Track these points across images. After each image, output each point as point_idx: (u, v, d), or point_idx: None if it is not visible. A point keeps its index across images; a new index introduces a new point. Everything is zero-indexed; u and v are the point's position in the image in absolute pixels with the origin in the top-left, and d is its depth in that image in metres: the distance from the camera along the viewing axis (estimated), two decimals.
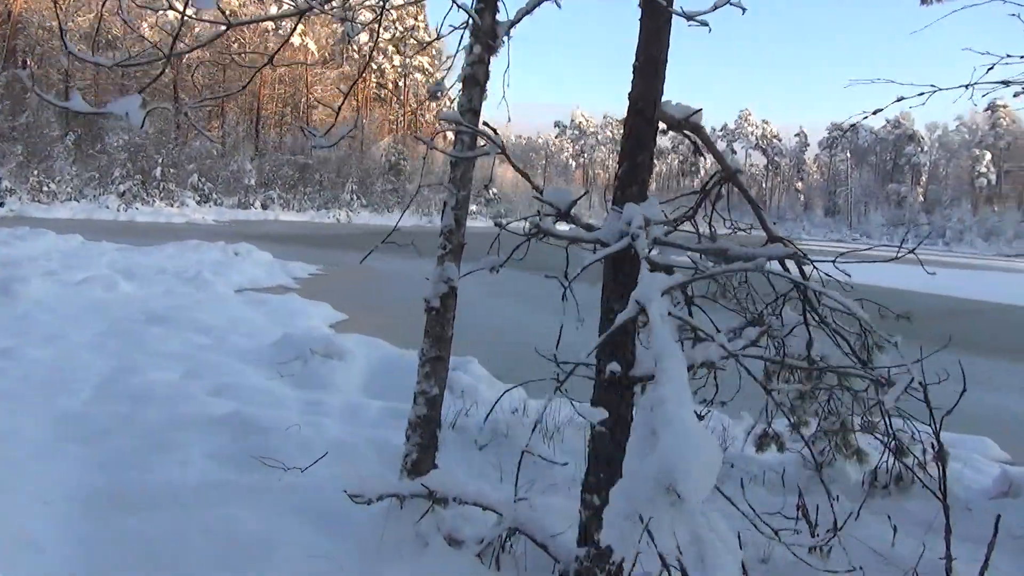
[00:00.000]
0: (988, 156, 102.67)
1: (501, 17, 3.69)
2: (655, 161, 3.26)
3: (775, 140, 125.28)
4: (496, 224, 3.36)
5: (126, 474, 4.23)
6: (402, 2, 5.00)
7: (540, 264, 3.65)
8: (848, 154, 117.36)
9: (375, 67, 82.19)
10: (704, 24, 2.97)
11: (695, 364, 2.95)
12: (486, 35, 3.62)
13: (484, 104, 3.79)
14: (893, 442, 4.53)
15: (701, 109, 3.35)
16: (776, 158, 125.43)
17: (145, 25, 55.17)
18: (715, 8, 3.07)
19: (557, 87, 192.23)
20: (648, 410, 1.66)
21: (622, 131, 3.17)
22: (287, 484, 4.03)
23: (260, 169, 56.87)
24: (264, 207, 53.28)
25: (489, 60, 3.67)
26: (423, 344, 3.62)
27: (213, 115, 62.79)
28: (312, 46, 69.31)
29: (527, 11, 3.77)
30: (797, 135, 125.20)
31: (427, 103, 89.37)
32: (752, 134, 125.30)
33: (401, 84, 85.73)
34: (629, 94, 3.11)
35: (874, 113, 3.75)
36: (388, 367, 7.49)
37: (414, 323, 12.19)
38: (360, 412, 5.79)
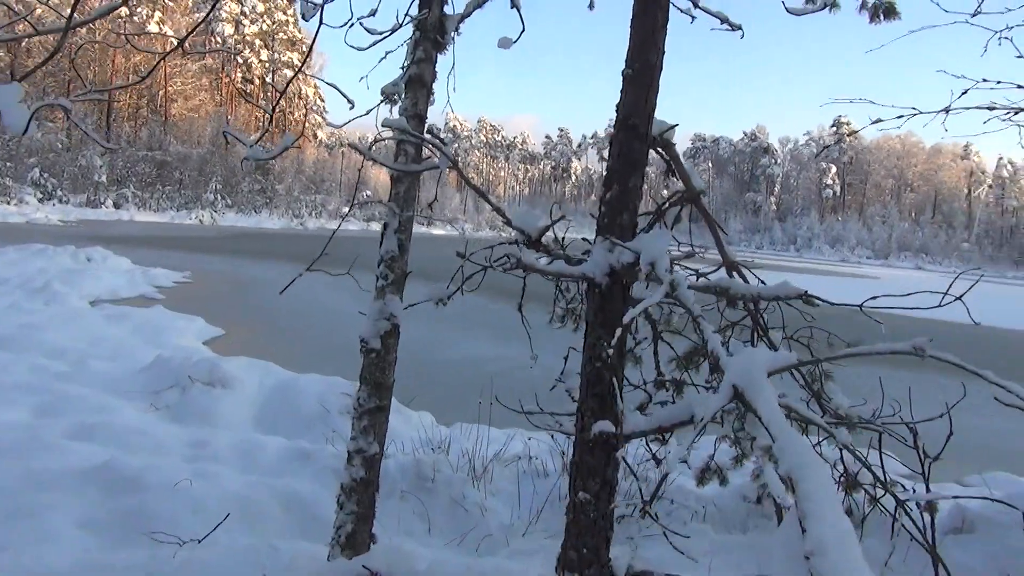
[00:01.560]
0: (833, 169, 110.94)
1: (449, 10, 3.17)
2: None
3: None
4: (458, 255, 2.83)
5: None
6: None
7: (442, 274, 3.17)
8: (710, 164, 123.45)
9: (241, 61, 78.44)
10: (729, 24, 2.58)
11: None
12: (433, 30, 3.09)
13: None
14: (843, 476, 4.36)
15: (677, 125, 2.98)
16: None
17: None
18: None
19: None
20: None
21: (609, 148, 2.74)
22: (183, 562, 3.32)
23: (112, 165, 52.72)
24: (117, 206, 49.40)
25: (436, 59, 3.14)
26: (359, 392, 3.03)
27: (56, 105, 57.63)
28: (171, 33, 65.06)
29: (477, 4, 3.26)
30: None
31: (296, 100, 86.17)
32: None
33: (269, 80, 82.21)
34: (618, 106, 2.68)
35: (850, 135, 3.52)
36: (281, 394, 6.73)
37: (300, 339, 11.38)
38: (256, 454, 5.05)
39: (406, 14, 2.98)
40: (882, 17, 3.89)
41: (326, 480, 4.50)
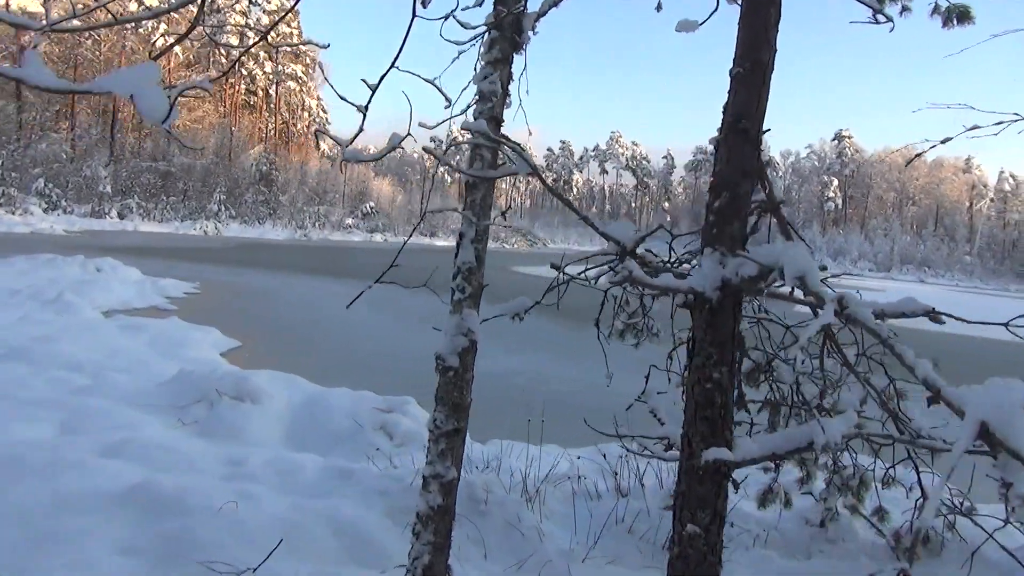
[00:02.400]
0: (835, 182, 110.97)
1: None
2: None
3: (644, 161, 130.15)
4: (553, 267, 2.63)
5: None
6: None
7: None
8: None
9: (245, 72, 78.57)
10: (883, 15, 2.38)
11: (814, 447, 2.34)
12: (510, 28, 2.90)
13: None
14: (920, 499, 4.14)
15: (768, 129, 2.79)
16: (645, 179, 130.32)
17: None
18: None
19: (431, 101, 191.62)
20: None
21: (714, 154, 2.54)
22: None
23: (116, 175, 52.65)
24: (121, 216, 49.28)
25: (512, 59, 2.95)
26: (435, 413, 2.82)
27: (61, 116, 57.68)
28: (176, 47, 65.22)
29: (553, 3, 3.08)
30: (665, 157, 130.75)
31: (300, 111, 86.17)
32: (623, 155, 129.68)
33: (272, 92, 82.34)
34: (725, 108, 2.48)
35: (943, 142, 3.31)
36: (310, 410, 6.51)
37: (318, 351, 11.16)
38: (295, 473, 4.82)
39: (493, 7, 2.79)
40: (955, 22, 3.71)
41: (372, 502, 4.28)
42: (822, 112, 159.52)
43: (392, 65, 2.34)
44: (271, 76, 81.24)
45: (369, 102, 2.29)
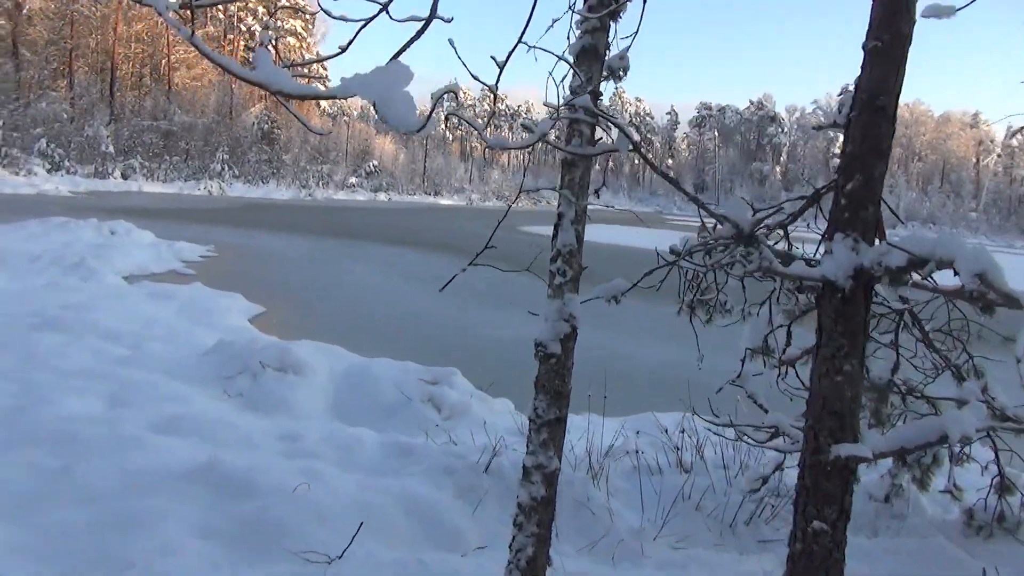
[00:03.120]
0: (841, 138, 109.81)
1: None
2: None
3: (648, 118, 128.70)
4: (672, 251, 2.53)
5: (91, 574, 3.11)
6: None
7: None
8: (716, 133, 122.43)
9: (244, 29, 77.23)
10: None
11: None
12: None
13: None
14: (997, 477, 4.09)
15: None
16: (649, 135, 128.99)
17: None
18: None
19: (433, 56, 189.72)
20: None
21: (846, 131, 2.42)
22: None
23: (118, 135, 52.12)
24: (125, 177, 48.91)
25: (609, 27, 2.81)
26: (536, 402, 2.74)
27: (59, 74, 56.84)
28: (173, 2, 63.85)
29: None
30: (668, 114, 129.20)
31: (298, 69, 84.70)
32: (626, 111, 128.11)
33: (272, 48, 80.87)
34: (858, 83, 2.35)
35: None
36: (355, 381, 6.47)
37: (345, 316, 11.10)
38: (355, 450, 4.78)
39: None
40: None
41: (439, 481, 4.24)
42: (829, 67, 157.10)
43: (520, 40, 2.21)
44: (270, 32, 79.82)
45: (498, 80, 2.17)
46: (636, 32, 2.76)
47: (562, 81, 2.87)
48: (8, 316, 7.87)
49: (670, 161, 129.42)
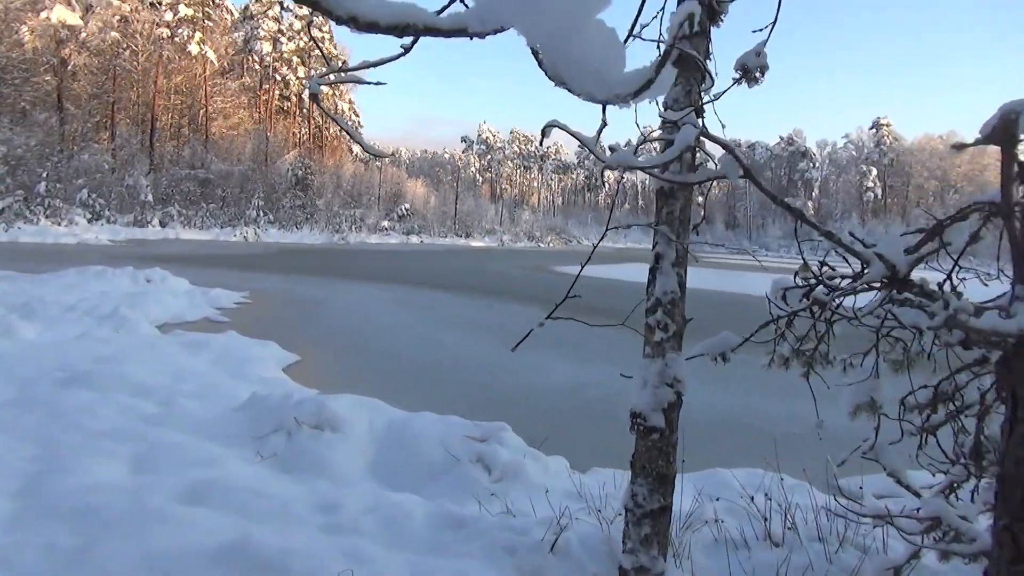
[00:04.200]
0: (874, 172, 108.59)
1: None
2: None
3: None
4: (815, 300, 2.04)
5: None
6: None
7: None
8: None
9: (278, 78, 78.96)
10: None
11: None
12: None
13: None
14: None
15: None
16: None
17: (25, 29, 50.71)
18: None
19: (461, 101, 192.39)
20: None
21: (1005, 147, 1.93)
22: None
23: (157, 184, 53.11)
24: (163, 225, 49.66)
25: (711, 33, 2.38)
26: (634, 487, 2.26)
27: (101, 126, 58.35)
28: (211, 55, 65.65)
29: None
30: None
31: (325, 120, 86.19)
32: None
33: (305, 96, 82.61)
34: None
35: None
36: (396, 438, 5.99)
37: (383, 365, 10.68)
38: (401, 522, 4.28)
39: None
40: None
41: (499, 561, 3.72)
42: (860, 101, 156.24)
43: (630, 35, 1.78)
44: (304, 82, 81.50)
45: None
46: (775, 21, 2.31)
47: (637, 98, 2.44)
48: (38, 371, 7.57)
49: (701, 198, 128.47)
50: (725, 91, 2.33)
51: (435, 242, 72.54)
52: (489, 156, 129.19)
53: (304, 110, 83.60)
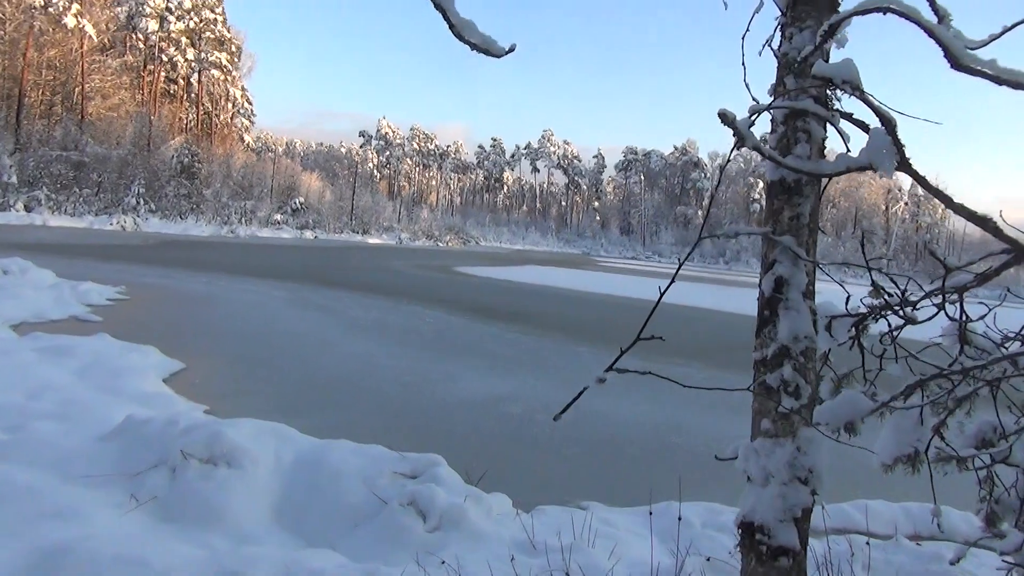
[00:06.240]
0: (760, 184, 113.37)
1: None
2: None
3: (575, 160, 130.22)
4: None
5: None
6: None
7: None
8: (641, 177, 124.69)
9: (165, 59, 74.30)
10: None
11: None
12: None
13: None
14: None
15: None
16: (576, 178, 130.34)
17: None
18: None
19: (359, 96, 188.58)
20: None
21: None
22: None
23: (23, 165, 48.62)
24: (28, 209, 45.49)
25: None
26: None
27: None
28: (90, 29, 60.87)
29: None
30: (595, 156, 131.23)
31: (223, 102, 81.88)
32: (554, 153, 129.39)
33: (194, 80, 78.07)
34: None
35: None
36: (307, 476, 5.00)
37: (282, 375, 9.47)
38: None
39: None
40: None
41: None
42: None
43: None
44: (193, 64, 77.10)
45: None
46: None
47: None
48: None
49: (597, 203, 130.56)
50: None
51: (331, 238, 70.11)
52: (388, 152, 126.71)
53: (192, 94, 79.06)
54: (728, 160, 1.57)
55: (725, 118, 1.42)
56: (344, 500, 4.72)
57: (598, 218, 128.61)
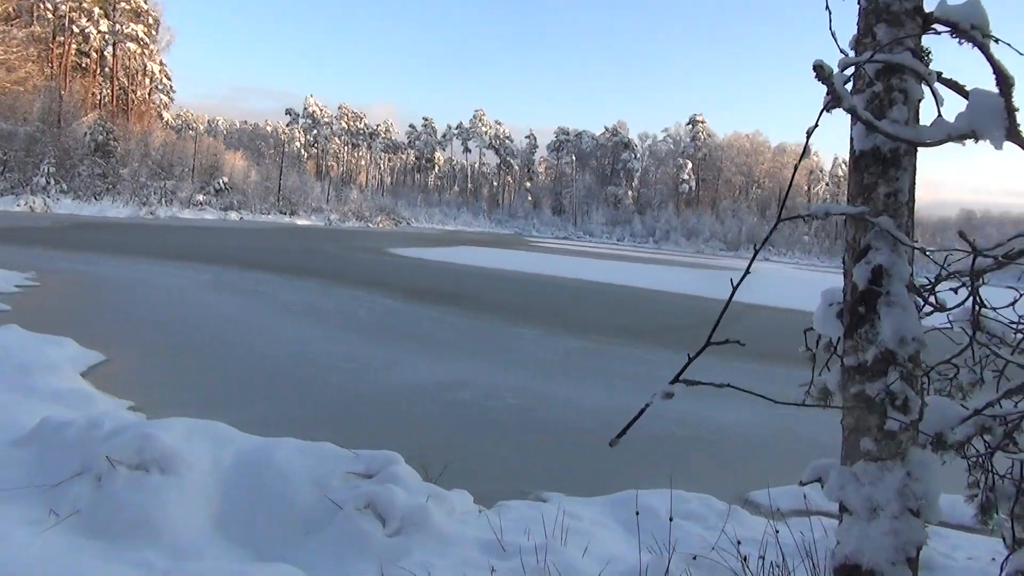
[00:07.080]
0: (689, 165, 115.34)
1: None
2: None
3: (507, 141, 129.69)
4: None
5: None
6: None
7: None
8: (573, 157, 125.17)
9: (76, 30, 70.30)
10: None
11: None
12: None
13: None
14: None
15: None
16: (508, 158, 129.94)
17: None
18: None
19: (286, 73, 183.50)
20: None
21: None
22: None
23: None
24: None
25: None
26: None
27: None
28: None
29: None
30: (527, 137, 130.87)
31: (140, 77, 78.01)
32: (486, 133, 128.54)
33: (109, 53, 74.14)
34: None
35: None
36: (251, 479, 4.57)
37: (213, 364, 8.89)
38: None
39: None
40: None
41: None
42: (678, 98, 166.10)
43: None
44: (107, 36, 73.21)
45: None
46: None
47: None
48: None
49: (529, 184, 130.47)
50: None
51: (257, 219, 67.99)
52: (316, 131, 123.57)
53: (106, 68, 75.17)
54: (815, 125, 1.27)
55: (822, 71, 1.13)
56: (294, 505, 4.32)
57: (530, 198, 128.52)
